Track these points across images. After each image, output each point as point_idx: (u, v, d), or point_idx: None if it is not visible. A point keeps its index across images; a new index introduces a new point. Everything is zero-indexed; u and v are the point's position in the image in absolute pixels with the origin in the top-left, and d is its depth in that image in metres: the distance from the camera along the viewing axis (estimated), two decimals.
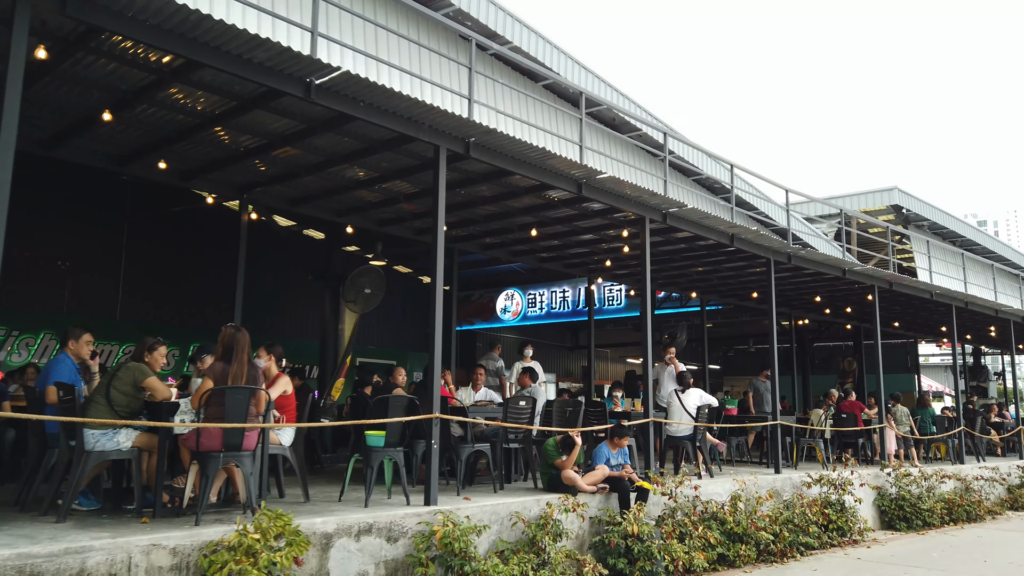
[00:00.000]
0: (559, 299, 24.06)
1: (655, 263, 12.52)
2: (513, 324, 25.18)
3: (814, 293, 14.37)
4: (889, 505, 11.81)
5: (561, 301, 23.93)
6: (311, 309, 14.34)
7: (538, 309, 24.33)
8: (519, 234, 10.56)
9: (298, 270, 14.36)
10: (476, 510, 6.40)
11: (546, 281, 23.82)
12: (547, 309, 24.24)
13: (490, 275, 24.10)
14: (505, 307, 25.10)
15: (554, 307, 24.00)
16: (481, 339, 27.26)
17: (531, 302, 24.66)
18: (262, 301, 16.00)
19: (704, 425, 9.63)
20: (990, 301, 15.52)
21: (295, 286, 14.85)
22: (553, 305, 24.03)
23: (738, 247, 10.54)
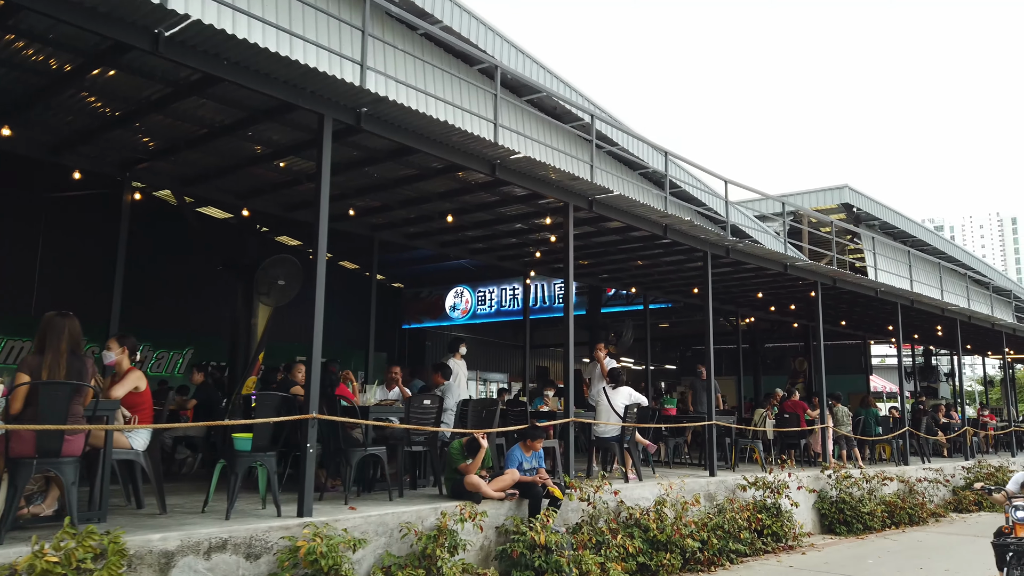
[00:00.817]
0: (509, 296, 23.47)
1: (590, 256, 12.00)
2: (463, 322, 24.51)
3: (757, 289, 13.98)
4: (829, 508, 11.41)
5: (511, 299, 23.34)
6: (223, 301, 13.44)
7: (488, 307, 23.72)
8: (442, 222, 9.92)
9: (212, 259, 13.47)
10: (360, 521, 5.74)
11: (496, 278, 23.22)
12: (496, 307, 23.63)
13: (440, 272, 23.42)
14: (454, 305, 24.44)
15: (504, 305, 23.40)
16: (431, 338, 26.59)
17: (481, 300, 24.03)
18: (166, 293, 15.11)
19: (632, 425, 9.08)
20: (936, 300, 15.30)
21: (210, 277, 13.93)
22: (503, 303, 23.43)
23: (673, 239, 10.02)
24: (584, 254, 11.75)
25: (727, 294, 15.05)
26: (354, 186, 8.47)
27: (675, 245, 10.77)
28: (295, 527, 5.27)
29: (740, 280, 13.50)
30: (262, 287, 10.20)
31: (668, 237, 9.88)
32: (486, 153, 7.19)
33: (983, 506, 14.38)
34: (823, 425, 12.60)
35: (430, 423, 7.07)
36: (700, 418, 11.05)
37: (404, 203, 8.99)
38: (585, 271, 13.28)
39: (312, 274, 5.85)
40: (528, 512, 6.98)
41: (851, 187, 20.94)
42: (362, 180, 8.33)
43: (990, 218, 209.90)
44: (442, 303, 24.41)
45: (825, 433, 12.58)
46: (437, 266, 22.33)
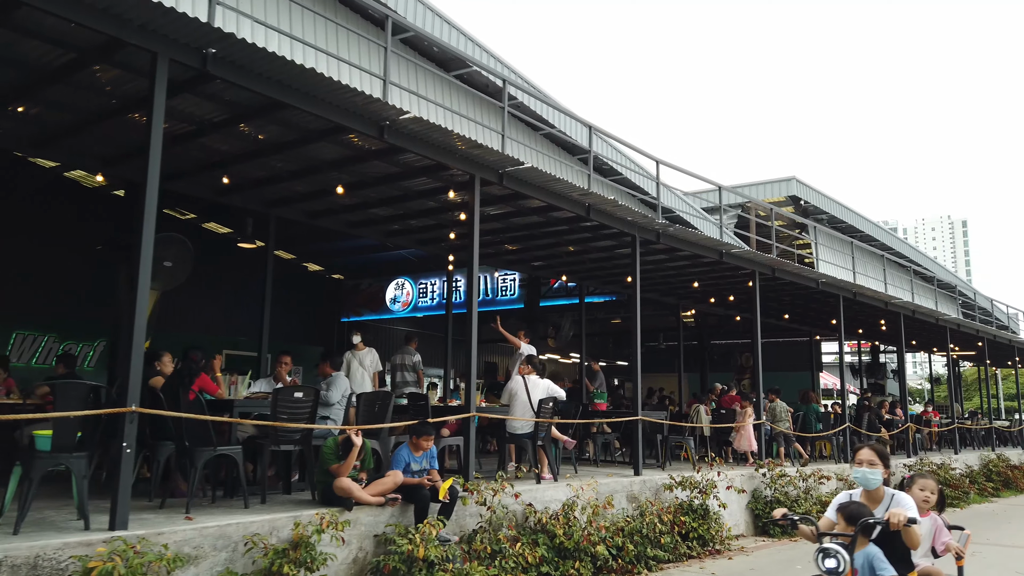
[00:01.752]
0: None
1: (515, 240, 11.22)
2: (403, 315, 23.59)
3: (694, 279, 13.35)
4: (763, 509, 10.82)
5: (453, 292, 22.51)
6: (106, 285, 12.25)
7: (429, 299, 22.85)
8: (345, 199, 9.03)
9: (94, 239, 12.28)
10: (192, 534, 4.85)
11: (438, 270, 22.34)
12: (439, 299, 22.76)
13: (382, 263, 22.44)
14: (395, 297, 23.51)
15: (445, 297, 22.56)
16: (372, 331, 25.56)
17: (423, 292, 23.14)
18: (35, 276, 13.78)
19: (547, 421, 8.32)
20: (880, 292, 14.88)
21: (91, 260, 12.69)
22: (444, 295, 22.59)
23: (600, 221, 9.28)
24: (508, 238, 10.97)
25: (665, 285, 14.41)
26: (228, 151, 7.53)
27: (602, 228, 10.04)
28: (98, 543, 4.37)
29: (677, 269, 12.86)
30: None
31: (592, 218, 9.14)
32: (373, 112, 6.33)
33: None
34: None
35: (302, 419, 6.20)
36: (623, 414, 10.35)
37: (294, 175, 8.08)
38: (515, 257, 12.50)
39: (137, 244, 4.94)
40: (414, 519, 6.16)
41: (799, 179, 20.59)
42: (236, 143, 7.40)
43: (942, 221, 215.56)
44: (382, 295, 23.46)
45: (748, 430, 12.01)
46: (379, 256, 21.35)
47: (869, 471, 4.08)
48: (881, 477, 4.06)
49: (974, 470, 17.21)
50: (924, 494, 4.41)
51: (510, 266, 12.98)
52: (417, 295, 23.05)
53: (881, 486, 4.10)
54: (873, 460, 4.08)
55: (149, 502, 5.92)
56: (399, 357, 11.66)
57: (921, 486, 4.47)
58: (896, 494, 4.11)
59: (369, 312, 24.05)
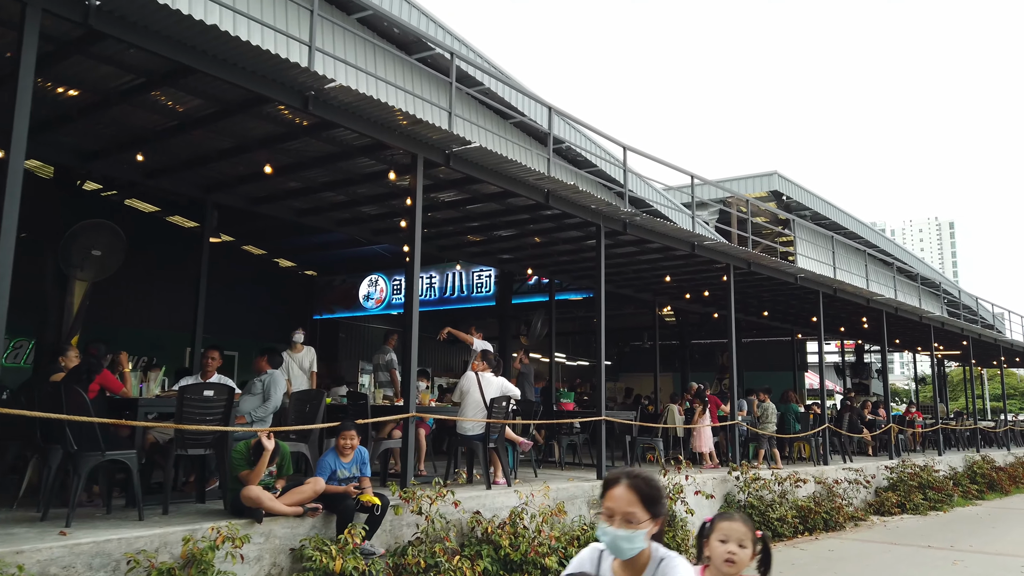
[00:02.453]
0: (425, 285, 22.04)
1: (478, 231, 10.64)
2: (376, 312, 22.96)
3: (666, 272, 12.79)
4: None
5: (427, 288, 21.93)
6: None
7: (403, 296, 22.24)
8: (288, 183, 8.41)
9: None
10: (62, 552, 4.23)
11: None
12: None
13: (355, 258, 21.81)
14: (368, 294, 22.88)
15: (421, 294, 21.96)
16: (345, 329, 24.91)
17: (396, 288, 22.54)
18: None
19: (499, 422, 7.71)
20: (861, 289, 14.38)
21: None
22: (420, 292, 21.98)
23: (561, 209, 8.69)
24: (469, 228, 10.38)
25: (639, 280, 13.86)
26: (144, 125, 6.89)
27: (566, 217, 9.46)
28: None
29: (649, 263, 12.30)
30: (73, 257, 8.53)
31: (552, 206, 8.56)
32: (294, 80, 5.72)
33: (906, 508, 13.51)
34: (734, 422, 11.48)
35: (214, 419, 5.58)
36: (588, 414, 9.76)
37: (224, 155, 7.45)
38: (479, 249, 11.91)
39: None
40: (337, 531, 5.56)
41: (780, 174, 20.10)
42: (150, 116, 6.75)
43: (929, 222, 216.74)
44: (355, 292, 22.83)
45: (702, 431, 11.48)
46: (352, 252, 20.71)
47: (622, 532, 2.35)
48: (643, 541, 2.37)
49: (958, 472, 16.76)
50: (728, 547, 2.64)
51: (475, 259, 12.40)
52: (391, 291, 22.46)
53: (647, 547, 2.40)
54: (631, 512, 2.36)
55: (37, 512, 5.29)
56: (377, 356, 10.95)
57: (723, 534, 2.69)
58: (667, 559, 2.42)
59: (342, 309, 23.43)
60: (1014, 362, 26.92)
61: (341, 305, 23.22)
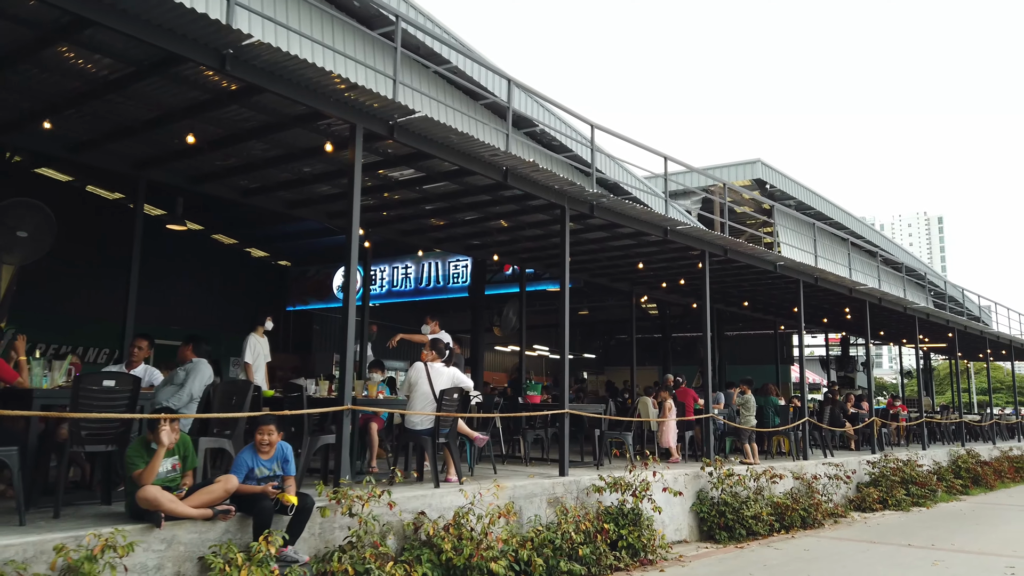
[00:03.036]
0: (400, 276, 21.50)
1: (437, 214, 10.08)
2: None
3: (639, 259, 12.27)
4: (709, 511, 9.81)
5: (403, 278, 21.38)
6: None
7: (377, 287, 21.69)
8: (230, 158, 7.82)
9: None
10: None
11: (388, 256, 21.21)
12: (387, 287, 21.61)
13: (330, 248, 21.21)
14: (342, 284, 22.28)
15: (395, 285, 21.43)
16: (319, 321, 24.31)
17: (371, 278, 21.95)
18: None
19: (450, 415, 7.18)
20: (843, 278, 13.91)
21: None
22: (394, 282, 21.45)
23: (522, 189, 8.16)
24: (429, 211, 9.84)
25: (614, 268, 13.34)
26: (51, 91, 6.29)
27: (529, 199, 8.94)
28: None
29: (622, 250, 11.78)
30: None
31: (512, 185, 8.02)
32: (209, 36, 5.15)
33: (888, 504, 13.10)
34: (709, 415, 11.00)
35: (116, 412, 5.01)
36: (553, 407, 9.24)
37: (149, 125, 6.86)
38: (444, 235, 11.37)
39: None
40: (253, 535, 5.02)
41: (764, 162, 19.64)
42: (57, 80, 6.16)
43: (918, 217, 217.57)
44: (329, 283, 22.26)
45: (668, 424, 11.03)
46: (326, 241, 20.12)
47: None
48: None
49: (942, 467, 16.38)
50: None
51: (441, 245, 11.84)
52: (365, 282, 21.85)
53: None
54: None
55: None
56: None
57: None
58: None
59: (316, 300, 22.86)
60: (1000, 355, 26.61)
61: (315, 296, 22.65)
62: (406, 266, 21.21)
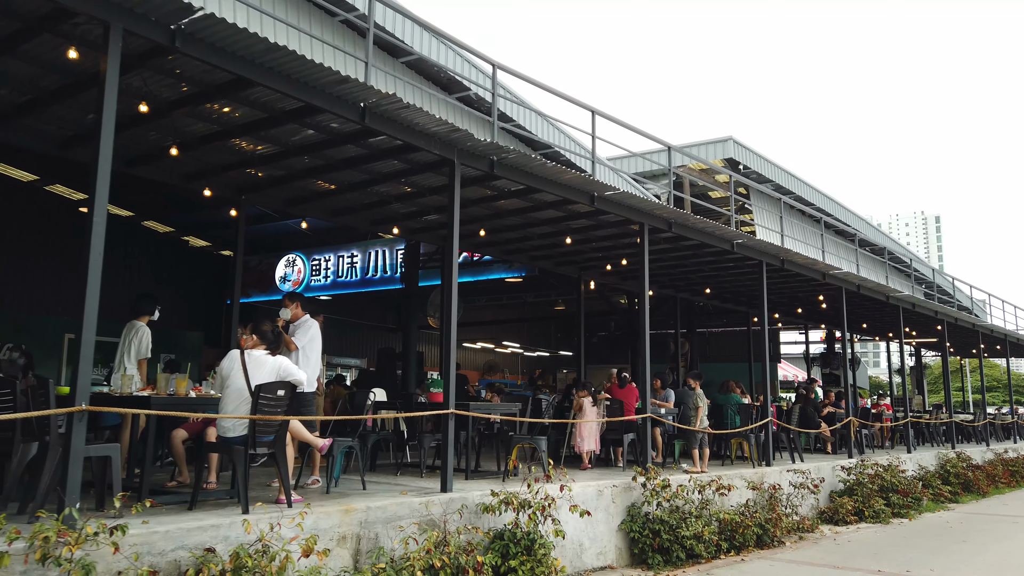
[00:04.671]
0: (346, 265, 19.87)
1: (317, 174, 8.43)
2: None
3: (568, 235, 10.59)
4: (641, 531, 8.19)
5: (348, 268, 19.75)
6: None
7: (322, 278, 20.08)
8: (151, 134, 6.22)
9: None
10: None
11: (333, 244, 19.59)
12: (332, 278, 19.99)
13: (277, 236, 19.59)
14: (285, 275, 20.68)
15: (340, 275, 19.78)
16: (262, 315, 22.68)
17: (315, 269, 20.38)
18: None
19: (276, 419, 5.55)
20: (814, 260, 12.30)
21: None
22: (339, 273, 19.81)
23: (392, 135, 6.56)
24: (304, 170, 8.20)
25: (553, 248, 11.69)
26: None
27: (409, 151, 7.33)
28: None
29: (551, 223, 10.14)
30: None
31: (376, 128, 6.41)
32: None
33: (864, 515, 11.49)
34: (646, 415, 9.36)
35: None
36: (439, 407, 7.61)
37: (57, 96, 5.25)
38: (341, 205, 9.73)
39: None
40: None
41: (736, 140, 18.01)
42: None
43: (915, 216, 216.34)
44: (272, 274, 20.60)
45: (588, 426, 9.43)
46: (273, 228, 18.45)
47: None
48: None
49: (929, 471, 14.79)
50: None
51: (337, 218, 10.12)
52: (310, 273, 20.29)
53: None
54: None
55: None
56: None
57: None
58: None
59: (258, 293, 21.20)
60: (995, 351, 25.01)
61: (257, 288, 21.00)
62: (352, 254, 19.61)
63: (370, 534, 5.83)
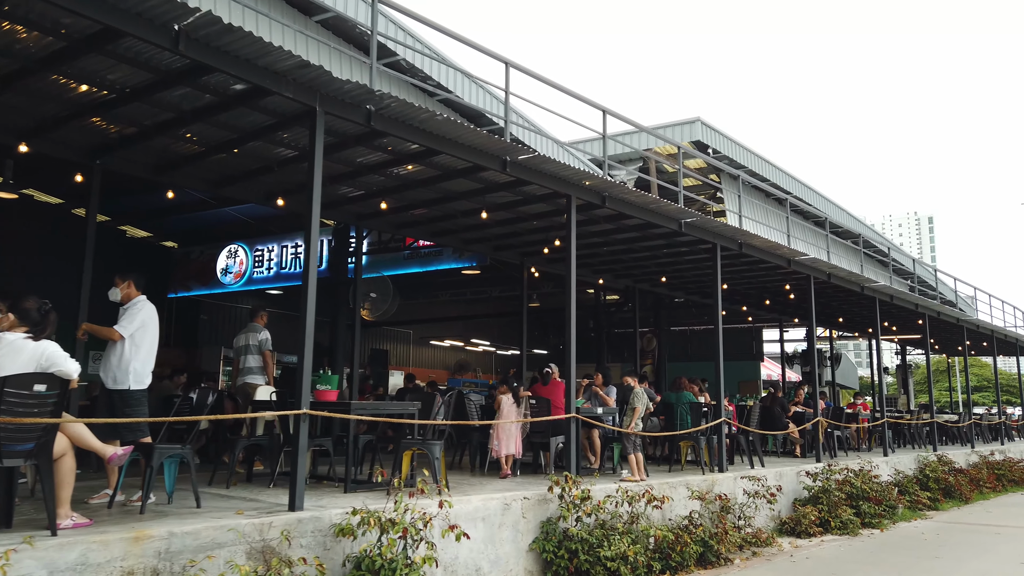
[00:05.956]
0: (290, 256, 18.56)
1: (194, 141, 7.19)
2: (237, 288, 19.46)
3: (485, 209, 9.34)
4: (556, 551, 6.99)
5: (293, 259, 18.45)
6: None
7: (265, 270, 18.77)
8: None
9: None
10: None
11: (278, 233, 18.28)
12: (276, 269, 18.70)
13: (216, 225, 18.29)
14: (227, 267, 19.37)
15: (284, 267, 18.49)
16: (207, 310, 21.44)
17: (258, 260, 19.06)
18: None
19: (31, 421, 4.31)
20: (777, 245, 11.11)
21: None
22: (283, 264, 18.50)
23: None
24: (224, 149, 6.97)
25: (480, 230, 10.47)
26: None
27: (260, 95, 6.11)
28: None
29: (470, 197, 8.91)
30: None
31: (205, 63, 5.20)
32: None
33: (830, 526, 10.31)
34: (571, 415, 8.15)
35: None
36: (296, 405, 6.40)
37: None
38: (272, 188, 8.49)
39: None
40: None
41: (704, 121, 16.87)
42: None
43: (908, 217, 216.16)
44: (213, 266, 19.31)
45: (503, 428, 8.24)
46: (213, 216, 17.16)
47: None
48: None
49: (907, 476, 13.63)
50: None
51: (270, 199, 8.87)
52: (252, 264, 18.97)
53: None
54: None
55: None
56: (243, 337, 8.51)
57: None
58: None
59: (199, 286, 19.91)
60: (981, 347, 23.89)
61: (197, 281, 19.73)
62: (296, 244, 18.33)
63: (173, 568, 4.61)
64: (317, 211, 5.89)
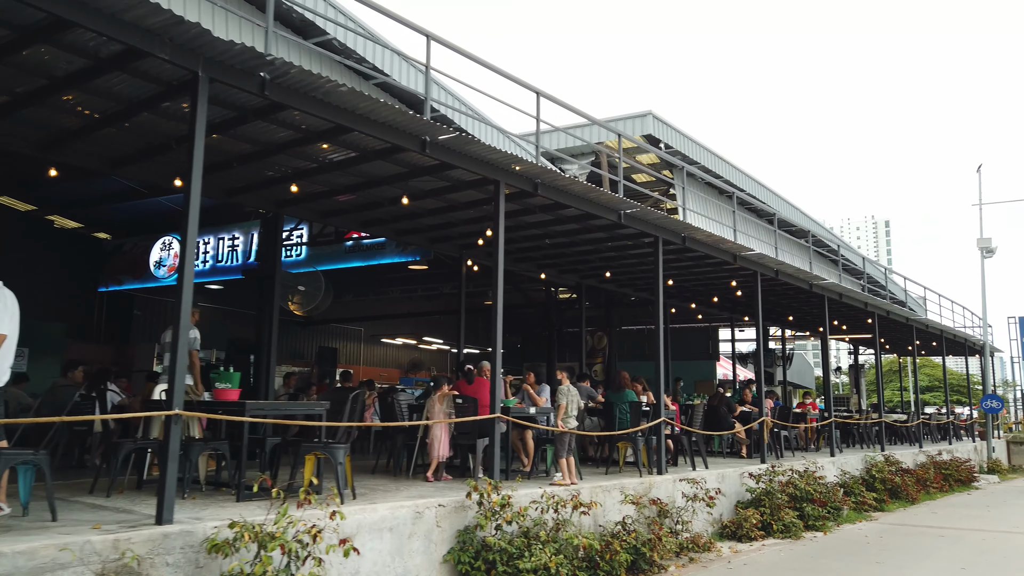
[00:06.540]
0: (226, 249, 17.75)
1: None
2: (171, 283, 18.47)
3: (410, 193, 8.78)
4: (473, 562, 6.47)
5: (229, 252, 17.64)
6: None
7: (201, 263, 17.91)
8: None
9: None
10: None
11: (213, 225, 17.39)
12: (212, 263, 17.85)
13: (153, 215, 17.34)
14: (160, 260, 18.44)
15: (221, 259, 17.65)
16: (141, 305, 20.44)
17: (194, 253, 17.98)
18: None
19: None
20: (720, 239, 10.74)
21: None
22: (219, 256, 17.67)
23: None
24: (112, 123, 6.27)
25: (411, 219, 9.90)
26: None
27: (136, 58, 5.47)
28: None
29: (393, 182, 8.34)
30: None
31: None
32: None
33: (772, 529, 9.98)
34: (495, 415, 7.64)
35: None
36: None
37: None
38: (170, 168, 7.80)
39: None
40: None
41: (655, 115, 16.49)
42: None
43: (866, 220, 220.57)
44: (147, 258, 18.36)
45: (436, 429, 7.74)
46: (146, 206, 16.24)
47: None
48: None
49: (853, 477, 13.42)
50: None
51: (168, 180, 8.18)
52: None
53: None
54: None
55: None
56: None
57: None
58: None
59: (131, 279, 18.96)
60: (931, 347, 24.03)
61: (129, 274, 18.79)
62: (233, 236, 17.49)
63: None
64: (197, 190, 5.28)
